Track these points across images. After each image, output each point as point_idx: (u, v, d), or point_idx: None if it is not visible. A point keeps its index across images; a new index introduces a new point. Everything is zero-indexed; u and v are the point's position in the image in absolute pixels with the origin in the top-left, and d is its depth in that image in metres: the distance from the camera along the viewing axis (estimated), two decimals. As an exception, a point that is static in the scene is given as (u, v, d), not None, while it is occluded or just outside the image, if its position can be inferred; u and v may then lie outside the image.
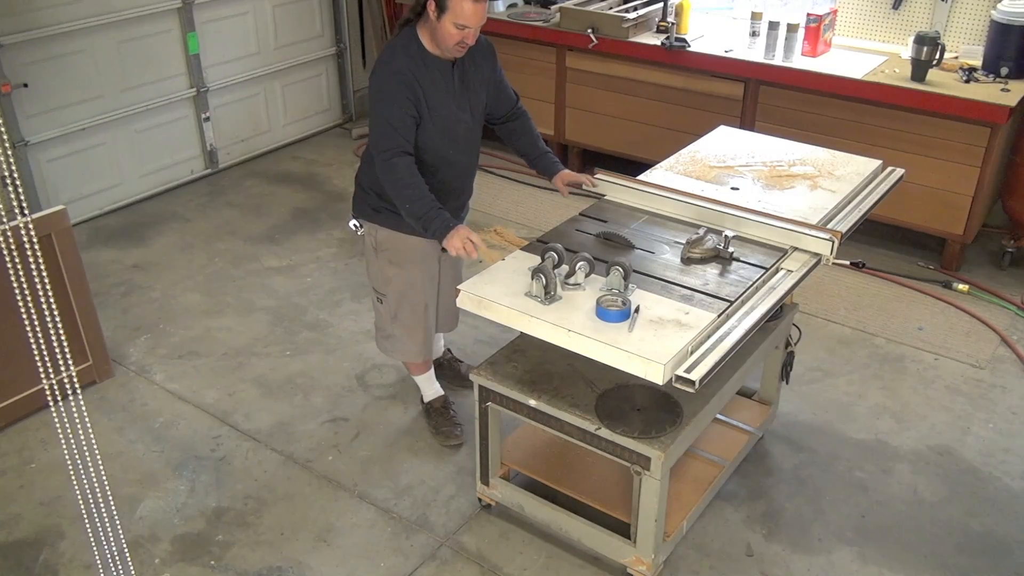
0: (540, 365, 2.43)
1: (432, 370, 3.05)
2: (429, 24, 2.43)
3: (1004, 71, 3.74)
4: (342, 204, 4.65)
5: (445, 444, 2.97)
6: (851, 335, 3.56)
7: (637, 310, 2.09)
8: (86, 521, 2.08)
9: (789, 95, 4.04)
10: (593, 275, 2.23)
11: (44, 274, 1.67)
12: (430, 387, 3.05)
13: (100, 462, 1.92)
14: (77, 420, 1.84)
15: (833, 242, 2.36)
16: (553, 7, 4.75)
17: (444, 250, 2.50)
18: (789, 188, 2.71)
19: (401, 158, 2.45)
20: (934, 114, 3.71)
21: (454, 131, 2.58)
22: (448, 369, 3.24)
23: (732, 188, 2.72)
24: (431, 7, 2.39)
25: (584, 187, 2.78)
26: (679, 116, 4.40)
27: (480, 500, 2.69)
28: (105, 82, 4.34)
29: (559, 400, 2.30)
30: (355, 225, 2.76)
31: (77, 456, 1.89)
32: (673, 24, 4.33)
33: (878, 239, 4.15)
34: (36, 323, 1.68)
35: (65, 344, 1.74)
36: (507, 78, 2.76)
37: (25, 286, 1.66)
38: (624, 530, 2.39)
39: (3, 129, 1.68)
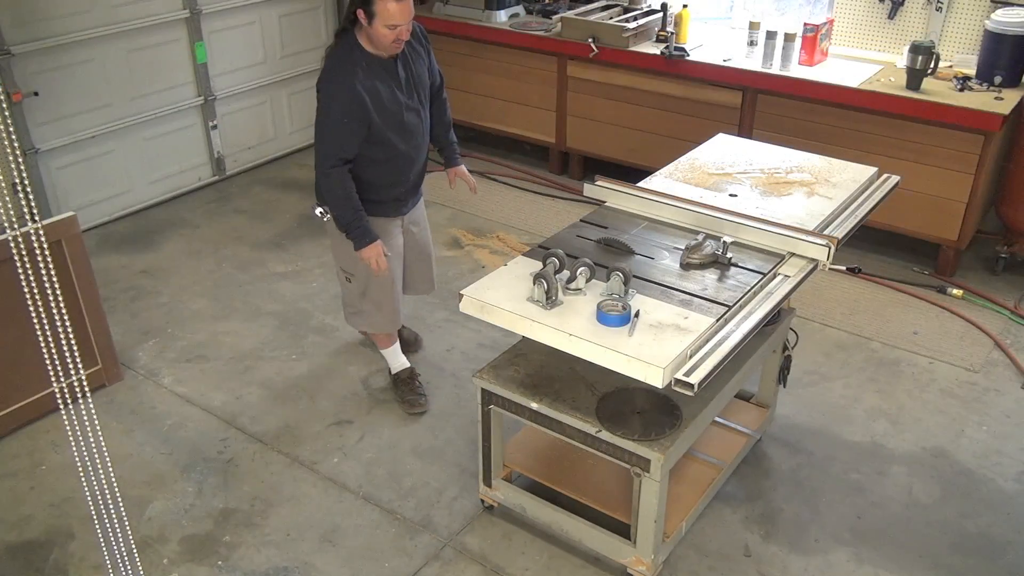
0: (542, 369, 2.47)
1: (398, 343, 3.27)
2: (364, 29, 2.61)
3: (998, 80, 3.79)
4: (346, 210, 4.70)
5: (410, 412, 3.17)
6: (847, 339, 3.60)
7: (637, 315, 2.13)
8: (95, 522, 2.11)
9: (786, 103, 4.09)
10: (594, 280, 2.27)
11: (54, 279, 1.70)
12: (396, 360, 3.26)
13: (109, 464, 1.95)
14: (87, 423, 1.86)
15: (829, 248, 2.39)
16: (554, 17, 4.80)
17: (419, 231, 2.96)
18: (786, 195, 2.75)
19: (337, 169, 2.69)
20: (929, 122, 3.76)
21: (405, 122, 2.78)
22: (411, 344, 3.45)
23: (730, 195, 2.75)
24: (361, 16, 2.58)
25: (471, 187, 3.20)
26: (678, 124, 4.45)
27: (483, 501, 2.73)
28: (114, 91, 4.40)
29: (560, 403, 2.34)
30: (320, 211, 2.90)
31: (87, 458, 1.92)
32: (672, 34, 4.38)
33: (874, 245, 4.19)
34: (47, 327, 1.71)
35: (75, 348, 1.77)
36: (436, 62, 2.98)
37: (36, 291, 1.69)
38: (624, 531, 2.43)
39: (14, 137, 1.71)
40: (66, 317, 1.75)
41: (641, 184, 2.83)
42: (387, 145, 2.77)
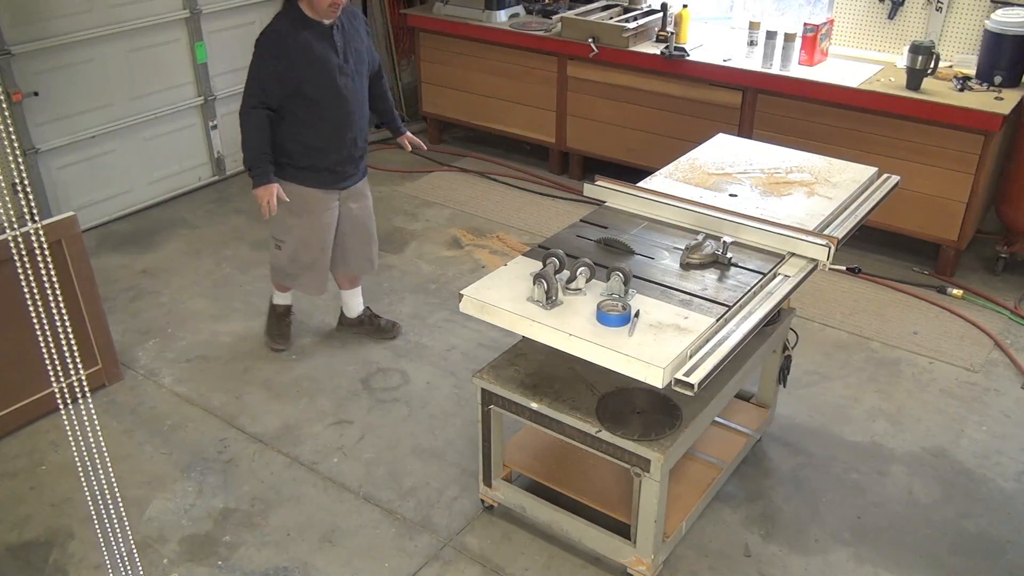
0: (542, 369, 2.47)
1: (291, 292, 3.51)
2: None
3: (998, 80, 3.79)
4: (346, 210, 4.70)
5: (271, 347, 3.50)
6: (847, 339, 3.60)
7: (637, 315, 2.13)
8: (95, 522, 2.12)
9: (786, 103, 4.09)
10: (594, 280, 2.28)
11: (54, 279, 1.71)
12: (283, 298, 3.54)
13: (109, 464, 1.95)
14: (87, 423, 1.87)
15: (829, 248, 2.40)
16: (554, 17, 4.80)
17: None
18: (786, 195, 2.75)
19: (257, 110, 2.93)
20: (929, 122, 3.76)
21: (338, 84, 2.97)
22: (369, 325, 3.58)
23: (730, 195, 2.76)
24: None
25: (419, 150, 3.43)
26: (678, 124, 4.45)
27: (483, 501, 2.73)
28: (114, 91, 4.40)
29: (560, 403, 2.34)
30: None
31: (87, 458, 1.93)
32: (672, 34, 4.38)
33: (874, 245, 4.19)
34: (46, 327, 1.71)
35: (75, 348, 1.77)
36: (373, 46, 3.23)
37: (36, 291, 1.69)
38: (624, 531, 2.43)
39: (14, 137, 1.71)
40: (66, 317, 1.75)
41: (641, 184, 2.83)
42: (318, 105, 2.95)
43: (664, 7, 4.51)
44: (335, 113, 3.00)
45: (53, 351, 1.76)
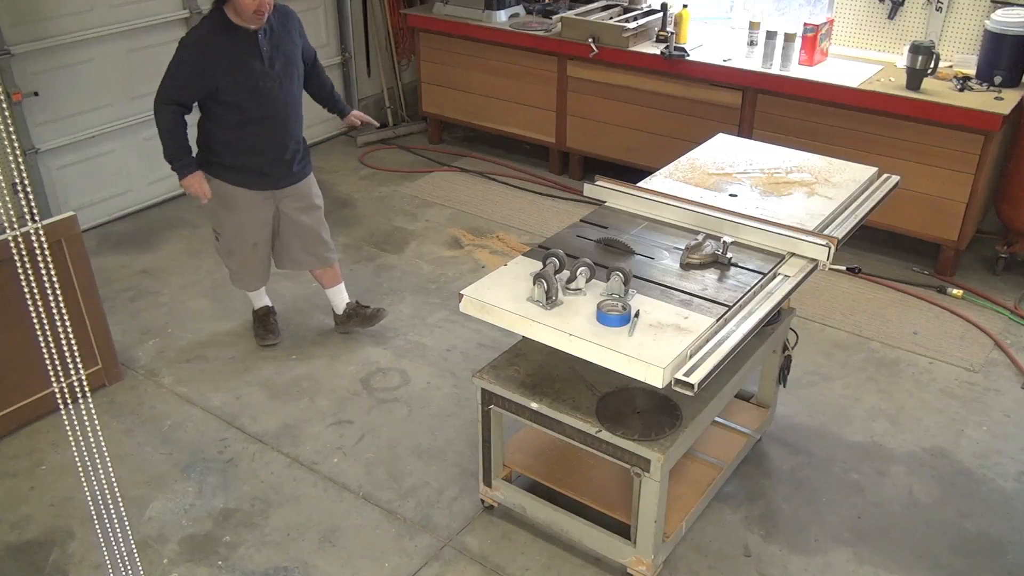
0: (542, 369, 2.47)
1: (262, 289, 3.55)
2: (231, 2, 2.88)
3: (998, 80, 3.80)
4: (347, 210, 4.70)
5: (261, 344, 3.55)
6: (847, 339, 3.61)
7: (637, 315, 2.13)
8: (95, 522, 2.13)
9: (786, 103, 4.10)
10: (594, 280, 2.28)
11: (54, 279, 1.71)
12: (258, 300, 3.59)
13: (109, 464, 1.95)
14: (87, 423, 1.87)
15: (829, 248, 2.40)
16: (554, 17, 4.80)
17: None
18: (786, 195, 2.75)
19: (171, 107, 2.98)
20: (929, 122, 3.76)
21: (262, 88, 3.00)
22: (356, 316, 3.60)
23: (730, 195, 2.76)
24: None
25: (366, 124, 3.50)
26: (678, 124, 4.45)
27: (483, 501, 2.73)
28: (114, 91, 4.40)
29: (560, 403, 2.34)
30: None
31: (87, 458, 1.93)
32: (672, 34, 4.39)
33: (874, 245, 4.19)
34: (46, 327, 1.71)
35: (75, 348, 1.77)
36: (311, 46, 3.27)
37: (36, 291, 1.69)
38: (624, 531, 2.43)
39: (14, 137, 1.71)
40: (66, 317, 1.75)
41: (641, 184, 2.83)
42: (238, 108, 2.99)
43: (664, 7, 4.51)
44: (260, 117, 3.03)
45: (53, 351, 1.76)
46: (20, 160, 1.68)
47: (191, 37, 2.97)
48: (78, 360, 1.79)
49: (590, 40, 4.51)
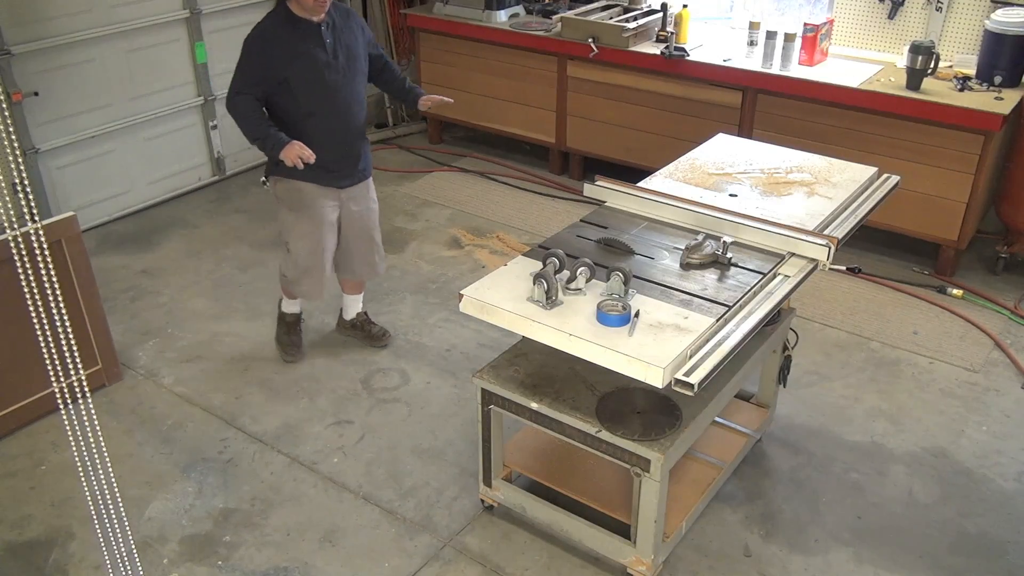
0: (542, 369, 2.47)
1: (300, 299, 3.45)
2: None
3: (998, 80, 3.80)
4: (346, 210, 4.70)
5: (283, 356, 3.46)
6: (847, 339, 3.61)
7: (637, 315, 2.13)
8: (95, 522, 2.12)
9: (786, 103, 4.10)
10: (594, 280, 2.28)
11: (54, 279, 1.71)
12: (292, 306, 3.49)
13: (109, 464, 1.95)
14: (87, 423, 1.87)
15: (829, 248, 2.40)
16: (554, 17, 4.80)
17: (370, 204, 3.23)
18: (786, 195, 2.75)
19: (242, 97, 2.93)
20: (929, 122, 3.76)
21: (327, 80, 2.97)
22: (360, 330, 3.57)
23: (730, 195, 2.76)
24: None
25: (442, 104, 3.30)
26: (678, 124, 4.45)
27: (483, 501, 2.73)
28: (114, 91, 4.40)
29: (560, 403, 2.34)
30: (263, 181, 3.17)
31: (87, 458, 1.93)
32: (672, 34, 4.39)
33: (874, 245, 4.19)
34: (46, 327, 1.71)
35: (75, 348, 1.78)
36: (374, 39, 3.24)
37: (36, 291, 1.69)
38: (624, 531, 2.43)
39: (14, 137, 1.71)
40: (66, 317, 1.75)
41: (641, 184, 2.83)
42: (304, 100, 2.95)
43: (664, 7, 4.51)
44: (325, 110, 3.00)
45: (53, 351, 1.76)
46: (20, 160, 1.68)
47: (255, 31, 2.94)
48: (78, 360, 1.79)
49: (590, 40, 4.51)
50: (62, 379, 1.79)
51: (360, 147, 3.19)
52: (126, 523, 2.17)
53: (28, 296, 1.69)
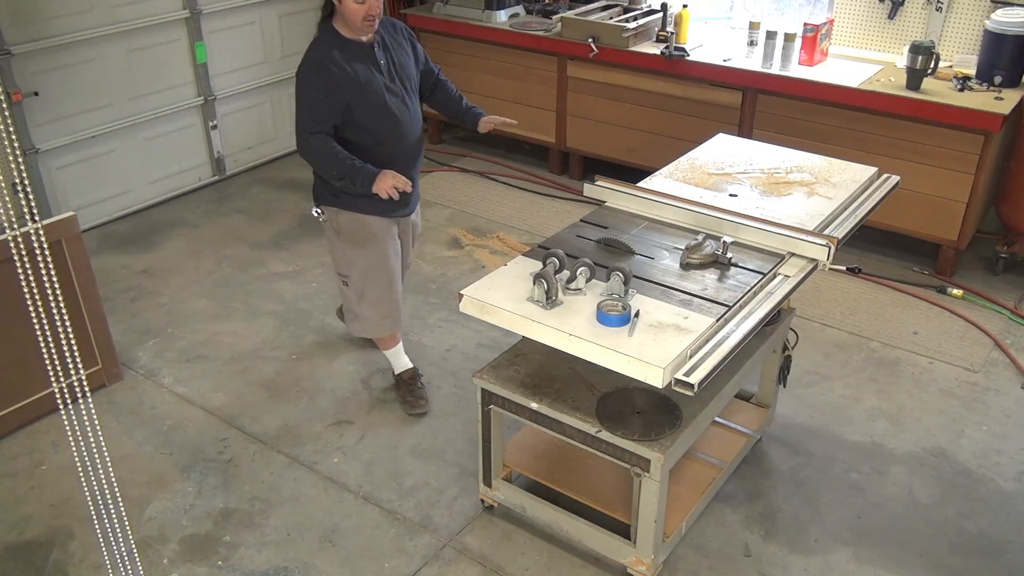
0: (542, 369, 2.47)
1: (400, 344, 3.24)
2: (339, 14, 2.69)
3: (998, 79, 3.79)
4: (346, 210, 4.70)
5: (410, 412, 3.17)
6: (847, 339, 3.61)
7: (637, 315, 2.13)
8: (95, 522, 2.12)
9: (786, 103, 4.10)
10: (594, 280, 2.28)
11: (54, 279, 1.70)
12: (399, 360, 3.25)
13: (109, 464, 1.95)
14: (87, 423, 1.87)
15: (829, 248, 2.40)
16: (554, 17, 4.80)
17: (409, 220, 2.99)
18: (786, 195, 2.75)
19: (316, 136, 2.70)
20: (929, 122, 3.76)
21: (388, 105, 2.77)
22: (406, 387, 3.29)
23: (730, 195, 2.76)
24: None
25: (504, 124, 3.08)
26: (678, 124, 4.45)
27: (483, 501, 2.73)
28: (114, 91, 4.40)
29: (560, 403, 2.34)
30: (317, 212, 2.96)
31: (87, 458, 1.93)
32: (672, 34, 4.38)
33: (874, 245, 4.19)
34: (46, 327, 1.71)
35: (75, 348, 1.77)
36: (424, 52, 3.03)
37: (36, 291, 1.69)
38: (624, 531, 2.43)
39: (14, 137, 1.71)
40: (66, 317, 1.75)
41: (641, 184, 2.83)
42: (367, 129, 2.75)
43: (664, 7, 4.51)
44: (387, 135, 2.79)
45: (53, 351, 1.76)
46: (20, 160, 1.68)
47: (306, 61, 2.71)
48: (78, 360, 1.79)
49: (590, 40, 4.51)
50: (62, 379, 1.79)
51: (418, 170, 2.99)
52: (126, 523, 2.17)
53: (28, 296, 1.69)
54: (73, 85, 4.23)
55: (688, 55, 4.29)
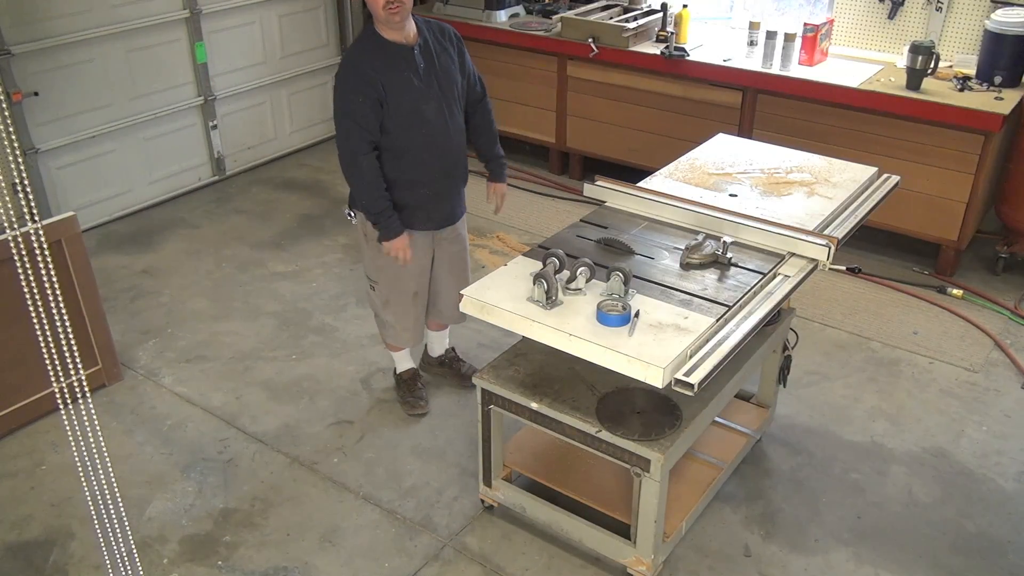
0: (542, 369, 2.47)
1: (408, 349, 3.19)
2: (368, 7, 2.61)
3: (998, 80, 3.79)
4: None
5: (410, 413, 3.16)
6: (847, 339, 3.60)
7: (637, 315, 2.13)
8: (95, 522, 2.12)
9: (786, 103, 4.09)
10: (594, 280, 2.28)
11: (54, 279, 1.70)
12: (402, 361, 3.23)
13: (109, 464, 1.95)
14: (87, 423, 1.87)
15: (829, 248, 2.40)
16: (554, 17, 4.80)
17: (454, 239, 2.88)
18: (786, 195, 2.75)
19: (367, 156, 2.64)
20: (929, 122, 3.76)
21: (421, 111, 2.67)
22: (449, 368, 3.33)
23: (730, 195, 2.76)
24: None
25: (495, 206, 3.03)
26: (678, 124, 4.45)
27: (483, 501, 2.73)
28: (114, 91, 4.40)
29: (560, 403, 2.34)
30: (350, 215, 2.93)
31: (87, 458, 1.93)
32: (672, 34, 4.38)
33: (874, 245, 4.19)
34: (46, 327, 1.71)
35: (75, 348, 1.77)
36: (477, 71, 2.89)
37: (36, 291, 1.69)
38: (624, 531, 2.43)
39: (14, 137, 1.71)
40: (66, 317, 1.75)
41: (641, 184, 2.83)
42: (402, 133, 2.66)
43: (664, 7, 4.51)
44: (421, 142, 2.69)
45: (53, 351, 1.76)
46: (20, 160, 1.68)
47: (343, 65, 2.66)
48: (78, 360, 1.79)
49: (590, 40, 4.50)
50: (62, 379, 1.79)
51: (460, 184, 2.88)
52: (126, 523, 2.17)
53: (28, 296, 1.69)
54: (73, 85, 4.23)
55: (688, 55, 4.29)
